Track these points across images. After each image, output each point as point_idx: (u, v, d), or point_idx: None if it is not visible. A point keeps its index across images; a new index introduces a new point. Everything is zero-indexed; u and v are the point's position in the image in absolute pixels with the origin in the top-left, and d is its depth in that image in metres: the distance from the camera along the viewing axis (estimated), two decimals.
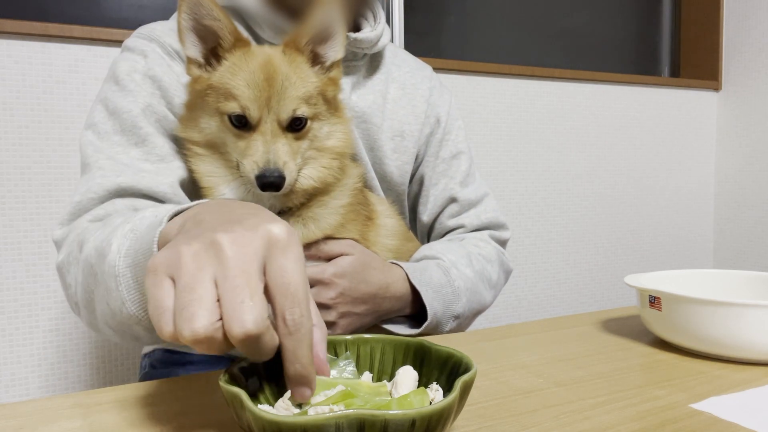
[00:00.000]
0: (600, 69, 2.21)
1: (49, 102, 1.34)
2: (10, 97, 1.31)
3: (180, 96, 0.81)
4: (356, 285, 0.76)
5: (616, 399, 0.52)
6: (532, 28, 2.15)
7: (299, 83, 0.70)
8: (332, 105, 0.76)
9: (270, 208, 0.72)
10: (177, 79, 0.81)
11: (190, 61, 0.71)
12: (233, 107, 0.68)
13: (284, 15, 0.85)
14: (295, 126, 0.70)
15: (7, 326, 1.34)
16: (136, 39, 0.84)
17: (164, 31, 0.84)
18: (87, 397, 0.54)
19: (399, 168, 0.97)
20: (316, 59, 0.74)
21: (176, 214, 0.53)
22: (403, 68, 1.01)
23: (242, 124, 0.69)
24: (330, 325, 0.75)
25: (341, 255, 0.76)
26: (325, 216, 0.75)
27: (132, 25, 1.50)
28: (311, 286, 0.74)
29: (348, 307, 0.76)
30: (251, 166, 0.67)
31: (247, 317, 0.37)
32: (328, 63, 0.75)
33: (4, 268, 1.33)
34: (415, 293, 0.83)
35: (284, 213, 0.74)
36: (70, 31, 1.34)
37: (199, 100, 0.72)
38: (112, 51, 1.39)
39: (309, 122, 0.71)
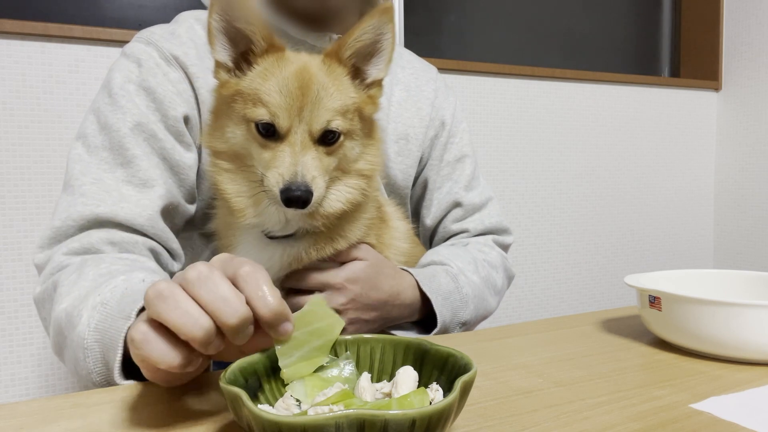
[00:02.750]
0: (600, 69, 2.21)
1: (49, 102, 1.34)
2: (10, 97, 1.31)
3: (175, 108, 0.79)
4: (367, 292, 0.74)
5: (616, 399, 0.52)
6: (532, 28, 2.15)
7: (336, 95, 0.65)
8: (367, 125, 0.71)
9: (297, 231, 0.69)
10: (173, 89, 0.80)
11: (218, 65, 0.67)
12: (261, 114, 0.63)
13: (290, 19, 0.85)
14: (328, 140, 0.65)
15: (7, 326, 1.34)
16: (134, 44, 0.83)
17: (163, 35, 0.83)
18: (87, 397, 0.54)
19: (403, 171, 0.97)
20: (356, 74, 0.69)
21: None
22: (407, 70, 1.01)
23: (270, 133, 0.63)
24: None
25: (354, 259, 0.75)
26: (354, 230, 0.73)
27: (132, 25, 1.51)
28: (322, 290, 0.73)
29: (358, 313, 0.75)
30: (276, 179, 0.61)
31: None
32: (369, 80, 0.70)
33: (4, 268, 1.33)
34: (424, 300, 0.82)
35: (312, 232, 0.70)
36: (70, 31, 1.34)
37: (225, 106, 0.67)
38: (112, 51, 1.39)
39: (342, 137, 0.66)
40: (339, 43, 0.67)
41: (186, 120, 0.81)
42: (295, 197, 0.60)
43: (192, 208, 0.84)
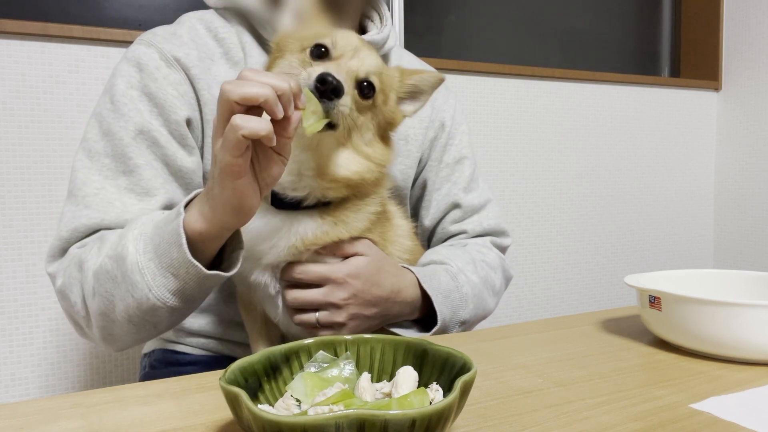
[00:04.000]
0: (600, 69, 2.21)
1: (49, 102, 1.34)
2: (10, 97, 1.31)
3: (176, 112, 0.80)
4: (369, 288, 0.75)
5: (616, 399, 0.52)
6: (532, 28, 2.15)
7: (386, 69, 0.74)
8: (387, 129, 0.77)
9: (306, 197, 0.71)
10: (174, 92, 0.80)
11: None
12: (322, 38, 0.70)
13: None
14: (364, 92, 0.71)
15: (7, 326, 1.34)
16: (135, 46, 0.84)
17: (165, 36, 0.83)
18: (87, 397, 0.54)
19: (402, 172, 0.97)
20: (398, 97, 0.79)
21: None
22: None
23: (322, 55, 0.70)
24: (339, 326, 0.74)
25: (356, 255, 0.75)
26: (355, 220, 0.75)
27: (132, 25, 1.50)
28: (324, 285, 0.73)
29: (358, 309, 0.75)
30: (313, 72, 0.65)
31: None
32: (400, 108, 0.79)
33: (4, 268, 1.33)
34: (423, 298, 0.82)
35: (321, 205, 0.73)
36: (70, 31, 1.34)
37: (282, 50, 0.74)
38: (112, 51, 1.39)
39: (372, 101, 0.72)
40: (409, 68, 0.79)
41: (188, 122, 0.81)
42: (329, 81, 0.64)
43: None
